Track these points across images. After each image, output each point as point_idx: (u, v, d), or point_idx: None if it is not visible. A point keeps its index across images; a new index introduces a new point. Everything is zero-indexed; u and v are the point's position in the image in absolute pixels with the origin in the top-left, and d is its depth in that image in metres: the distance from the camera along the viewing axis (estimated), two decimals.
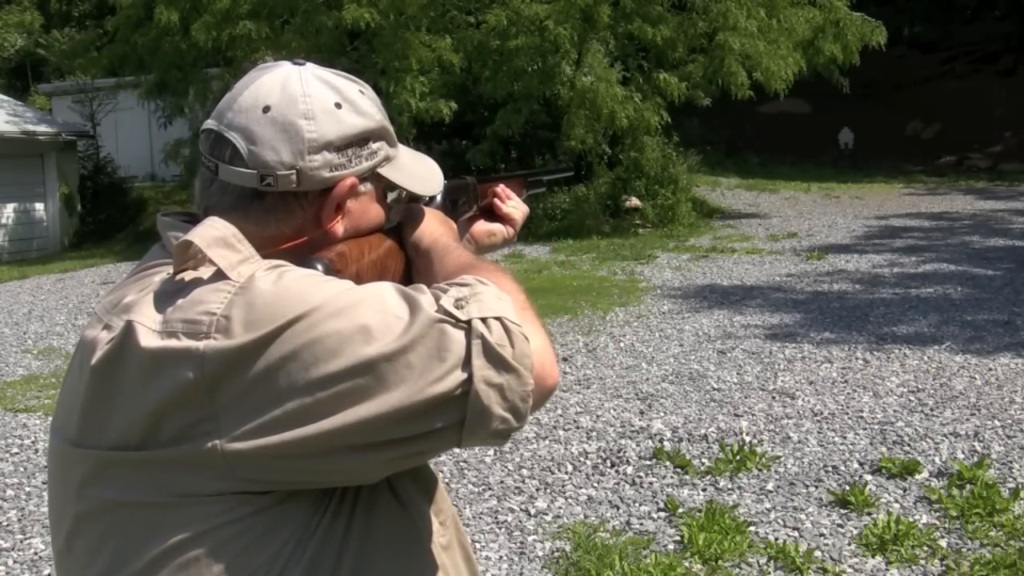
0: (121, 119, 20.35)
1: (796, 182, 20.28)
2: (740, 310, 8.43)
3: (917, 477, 4.31)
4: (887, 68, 21.53)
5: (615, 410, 5.51)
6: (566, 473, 4.57)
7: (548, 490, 4.37)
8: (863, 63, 16.18)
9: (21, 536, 4.10)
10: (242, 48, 14.99)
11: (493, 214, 1.47)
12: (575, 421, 5.30)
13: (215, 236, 1.00)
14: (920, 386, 5.79)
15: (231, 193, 1.07)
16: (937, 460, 4.53)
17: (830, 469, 4.45)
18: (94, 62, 18.49)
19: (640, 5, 14.85)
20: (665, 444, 4.86)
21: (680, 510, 4.04)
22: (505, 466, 4.64)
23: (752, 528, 3.84)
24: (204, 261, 0.99)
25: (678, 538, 3.78)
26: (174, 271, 1.00)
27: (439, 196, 1.32)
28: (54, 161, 17.72)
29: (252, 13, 15.00)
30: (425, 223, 1.23)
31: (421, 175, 1.20)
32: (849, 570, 3.47)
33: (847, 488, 4.17)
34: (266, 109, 1.06)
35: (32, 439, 5.44)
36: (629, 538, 3.81)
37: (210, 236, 0.99)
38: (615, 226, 15.00)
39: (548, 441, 4.99)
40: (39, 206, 17.61)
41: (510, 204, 1.48)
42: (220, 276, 0.98)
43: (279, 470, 0.95)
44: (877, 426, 5.06)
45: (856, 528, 3.80)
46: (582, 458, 4.74)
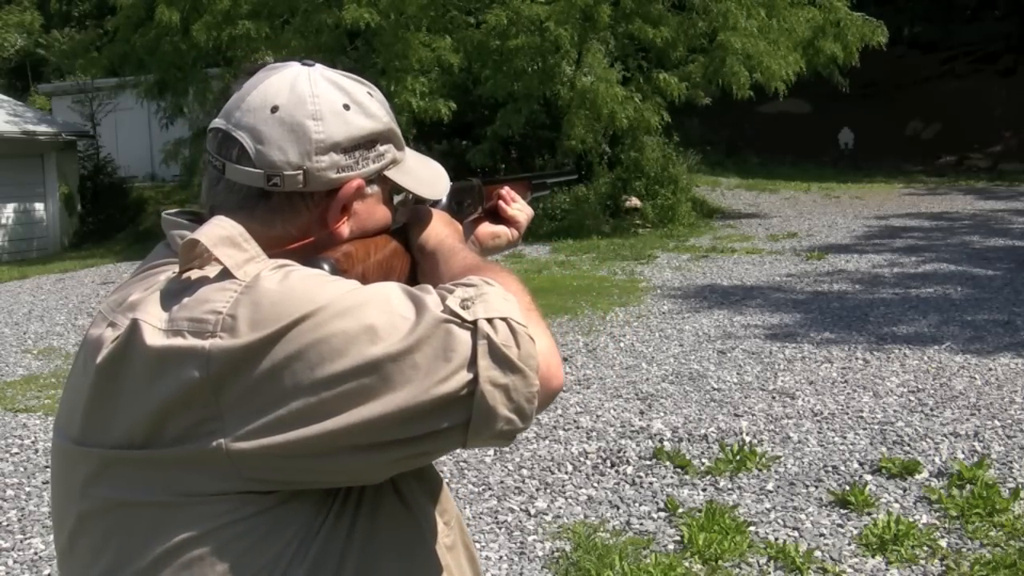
0: (121, 119, 20.34)
1: (796, 182, 20.26)
2: (740, 310, 8.43)
3: (917, 477, 4.31)
4: (887, 68, 21.55)
5: (615, 410, 5.51)
6: (566, 473, 4.57)
7: (548, 490, 4.37)
8: (863, 63, 16.17)
9: (21, 536, 4.10)
10: (242, 48, 14.99)
11: (498, 216, 1.47)
12: (575, 421, 5.30)
13: (221, 235, 0.99)
14: (920, 386, 5.79)
15: (237, 192, 1.07)
16: (937, 460, 4.53)
17: (830, 469, 4.46)
18: (94, 62, 18.47)
19: (640, 5, 14.84)
20: (665, 444, 4.86)
21: (680, 510, 4.04)
22: (505, 466, 4.65)
23: (752, 528, 3.84)
24: (210, 260, 0.99)
25: (678, 538, 3.79)
26: (180, 270, 1.00)
27: (445, 198, 1.32)
28: (54, 161, 17.72)
29: (252, 13, 15.00)
30: (431, 225, 1.23)
31: (427, 179, 1.20)
32: (849, 570, 3.47)
33: (847, 488, 4.17)
34: (274, 109, 1.06)
35: (32, 439, 5.44)
36: (629, 538, 3.81)
37: (216, 235, 0.99)
38: (615, 226, 15.00)
39: (548, 441, 4.99)
40: (39, 206, 17.61)
41: (515, 206, 1.48)
42: (226, 275, 0.97)
43: (284, 470, 0.95)
44: (877, 426, 5.06)
45: (856, 528, 3.80)
46: (582, 458, 4.74)
